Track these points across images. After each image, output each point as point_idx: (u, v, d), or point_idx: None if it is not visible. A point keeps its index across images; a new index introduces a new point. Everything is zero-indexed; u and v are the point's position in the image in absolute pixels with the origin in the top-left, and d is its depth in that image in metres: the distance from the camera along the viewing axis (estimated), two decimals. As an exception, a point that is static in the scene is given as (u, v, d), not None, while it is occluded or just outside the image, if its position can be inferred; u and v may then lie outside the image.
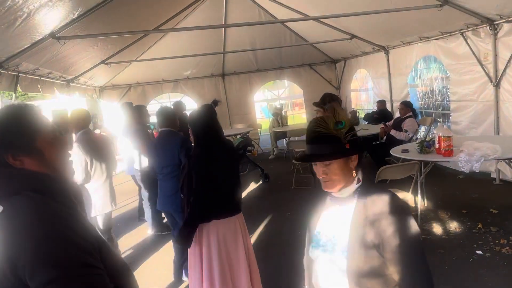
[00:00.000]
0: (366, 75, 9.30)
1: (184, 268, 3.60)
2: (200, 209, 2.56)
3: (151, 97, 9.73)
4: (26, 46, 4.19)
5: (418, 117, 6.92)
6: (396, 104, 7.42)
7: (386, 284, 1.32)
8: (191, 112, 2.80)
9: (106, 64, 7.02)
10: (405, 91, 7.60)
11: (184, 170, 2.68)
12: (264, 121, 13.00)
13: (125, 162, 5.37)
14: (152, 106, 8.94)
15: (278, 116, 9.70)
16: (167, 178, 3.52)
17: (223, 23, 7.85)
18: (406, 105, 6.52)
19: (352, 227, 1.35)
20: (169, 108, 3.89)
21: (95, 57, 6.58)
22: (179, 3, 6.82)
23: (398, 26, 6.35)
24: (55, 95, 6.43)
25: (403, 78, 7.59)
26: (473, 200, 4.99)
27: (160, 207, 3.70)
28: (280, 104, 11.42)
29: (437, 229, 4.24)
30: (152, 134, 5.28)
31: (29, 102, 1.33)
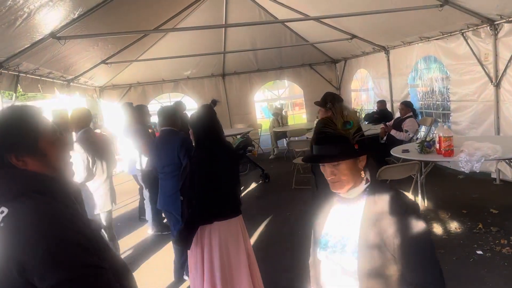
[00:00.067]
0: (367, 75, 9.30)
1: (186, 268, 3.60)
2: (201, 211, 2.55)
3: (151, 97, 9.73)
4: (27, 46, 4.19)
5: (419, 117, 6.91)
6: (397, 104, 7.41)
7: (397, 284, 1.31)
8: (192, 114, 2.80)
9: (107, 64, 7.02)
10: (406, 91, 7.60)
11: (185, 172, 2.67)
12: (265, 121, 13.00)
13: (126, 162, 5.38)
14: (152, 106, 8.93)
15: (279, 116, 9.70)
16: (168, 177, 3.52)
17: (224, 23, 7.85)
18: (407, 105, 6.52)
19: (362, 228, 1.34)
20: (170, 107, 3.89)
21: (95, 57, 6.58)
22: (179, 3, 6.82)
23: (399, 26, 6.35)
24: (55, 95, 6.42)
25: (404, 78, 7.59)
26: (474, 200, 4.99)
27: (161, 206, 3.70)
28: (281, 104, 11.43)
29: (438, 229, 4.24)
30: (154, 134, 5.28)
31: (30, 102, 1.33)
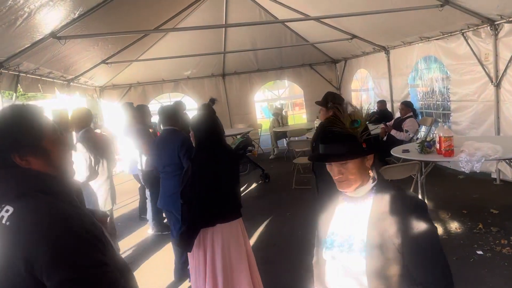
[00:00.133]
0: (367, 75, 9.30)
1: (188, 272, 3.61)
2: (202, 212, 2.55)
3: (152, 97, 9.73)
4: (27, 46, 4.19)
5: (419, 117, 6.92)
6: (397, 104, 7.42)
7: (406, 282, 1.31)
8: (194, 116, 2.80)
9: (107, 64, 7.02)
10: (406, 91, 7.60)
11: (187, 175, 2.67)
12: (265, 121, 13.00)
13: (127, 162, 5.38)
14: (153, 106, 8.93)
15: (279, 116, 9.70)
16: (169, 177, 3.52)
17: (224, 23, 7.85)
18: (407, 105, 6.52)
19: (370, 226, 1.33)
20: (171, 107, 3.87)
21: (96, 57, 6.58)
22: (180, 3, 6.82)
23: (399, 26, 6.35)
24: (56, 95, 6.42)
25: (404, 78, 7.59)
26: (474, 200, 4.99)
27: (161, 205, 3.70)
28: (281, 104, 11.43)
29: (438, 229, 4.23)
30: (155, 133, 5.27)
31: (30, 102, 1.34)
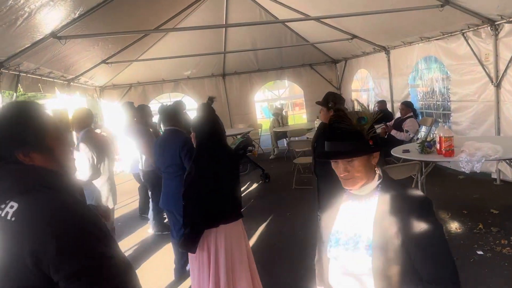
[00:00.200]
0: (367, 75, 9.30)
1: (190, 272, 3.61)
2: (205, 214, 2.57)
3: (152, 97, 9.73)
4: (27, 46, 4.19)
5: (419, 118, 6.92)
6: (397, 105, 7.42)
7: (412, 280, 1.31)
8: (195, 117, 2.80)
9: (107, 64, 7.02)
10: (406, 92, 7.60)
11: (190, 175, 2.67)
12: (265, 121, 13.00)
13: (127, 161, 5.39)
14: (153, 106, 8.93)
15: (279, 116, 9.70)
16: (171, 177, 3.51)
17: (224, 23, 7.85)
18: (407, 105, 6.53)
19: (376, 224, 1.33)
20: (172, 107, 3.84)
21: (96, 57, 6.58)
22: (180, 3, 6.82)
23: (399, 26, 6.35)
24: (56, 95, 6.42)
25: (404, 79, 7.59)
26: (474, 201, 4.99)
27: (163, 205, 3.69)
28: (281, 104, 11.43)
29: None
30: (156, 134, 5.28)
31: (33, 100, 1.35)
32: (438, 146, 4.00)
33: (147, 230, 5.19)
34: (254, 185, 7.08)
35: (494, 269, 3.30)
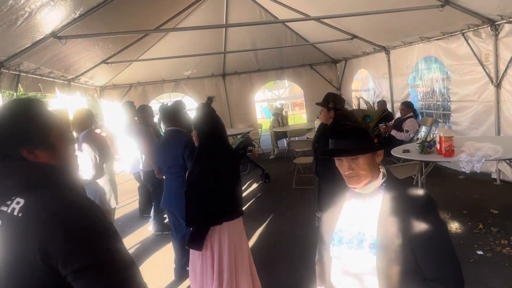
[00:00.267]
0: (367, 76, 9.30)
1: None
2: (206, 212, 2.58)
3: (152, 97, 9.73)
4: (27, 46, 4.20)
5: (419, 118, 6.92)
6: (397, 105, 7.42)
7: (416, 279, 1.30)
8: (196, 116, 2.80)
9: (107, 64, 7.03)
10: (406, 92, 7.60)
11: (192, 175, 2.68)
12: (265, 121, 13.01)
13: (128, 161, 5.40)
14: (153, 106, 8.93)
15: (279, 116, 9.70)
16: (173, 178, 3.49)
17: (224, 23, 7.85)
18: (407, 106, 6.53)
19: (380, 223, 1.32)
20: (173, 106, 3.81)
21: (96, 57, 6.58)
22: (180, 3, 6.82)
23: (399, 27, 6.35)
24: (56, 95, 6.43)
25: (404, 79, 7.59)
26: (474, 201, 4.99)
27: (164, 205, 3.67)
28: (281, 104, 11.44)
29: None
30: (157, 133, 5.27)
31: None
32: (438, 146, 4.00)
33: (148, 228, 5.20)
34: (254, 185, 7.08)
35: (494, 269, 3.30)
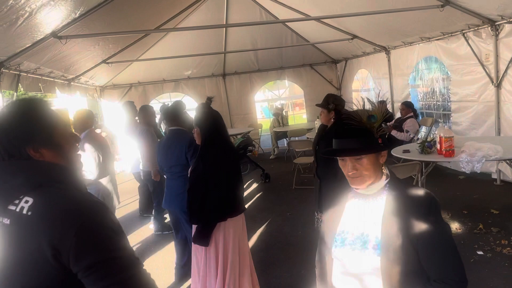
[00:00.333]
0: (367, 76, 9.30)
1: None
2: (218, 209, 2.61)
3: (152, 97, 9.73)
4: (28, 45, 4.20)
5: (419, 118, 6.92)
6: (397, 105, 7.42)
7: (420, 280, 1.30)
8: (198, 113, 2.81)
9: (107, 64, 7.03)
10: (406, 92, 7.60)
11: (196, 172, 2.69)
12: (265, 121, 13.01)
13: (129, 161, 5.40)
14: (154, 106, 8.94)
15: (279, 116, 9.70)
16: (175, 177, 3.49)
17: (224, 23, 7.85)
18: (407, 106, 6.53)
19: (384, 224, 1.32)
20: (174, 107, 3.80)
21: (96, 57, 6.58)
22: (180, 3, 6.82)
23: (399, 27, 6.35)
24: (56, 95, 6.44)
25: (404, 79, 7.59)
26: (474, 201, 4.99)
27: (166, 206, 3.66)
28: (281, 104, 11.44)
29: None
30: (159, 134, 5.27)
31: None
32: (439, 146, 4.00)
33: (150, 226, 5.22)
34: (254, 185, 7.08)
35: (494, 270, 3.30)
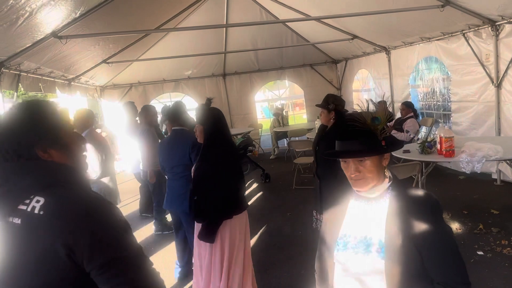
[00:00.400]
0: (368, 76, 9.30)
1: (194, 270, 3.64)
2: (223, 206, 2.63)
3: (152, 97, 9.73)
4: (28, 45, 4.20)
5: (419, 118, 6.92)
6: (397, 105, 7.42)
7: (424, 282, 1.30)
8: (201, 112, 2.82)
9: (107, 64, 7.03)
10: (406, 92, 7.60)
11: (199, 171, 2.70)
12: (265, 121, 13.02)
13: (129, 161, 5.40)
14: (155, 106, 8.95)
15: (279, 116, 9.70)
16: (177, 178, 3.48)
17: (225, 23, 7.85)
18: (407, 106, 6.53)
19: (388, 227, 1.31)
20: (176, 107, 3.79)
21: (97, 57, 6.58)
22: (180, 3, 6.82)
23: (399, 27, 6.35)
24: (56, 95, 6.44)
25: (405, 79, 7.59)
26: (474, 201, 4.99)
27: (167, 206, 3.65)
28: (281, 104, 11.44)
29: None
30: (160, 134, 5.27)
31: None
32: (439, 147, 4.00)
33: (153, 226, 5.22)
34: (254, 185, 7.08)
35: (495, 270, 3.30)
